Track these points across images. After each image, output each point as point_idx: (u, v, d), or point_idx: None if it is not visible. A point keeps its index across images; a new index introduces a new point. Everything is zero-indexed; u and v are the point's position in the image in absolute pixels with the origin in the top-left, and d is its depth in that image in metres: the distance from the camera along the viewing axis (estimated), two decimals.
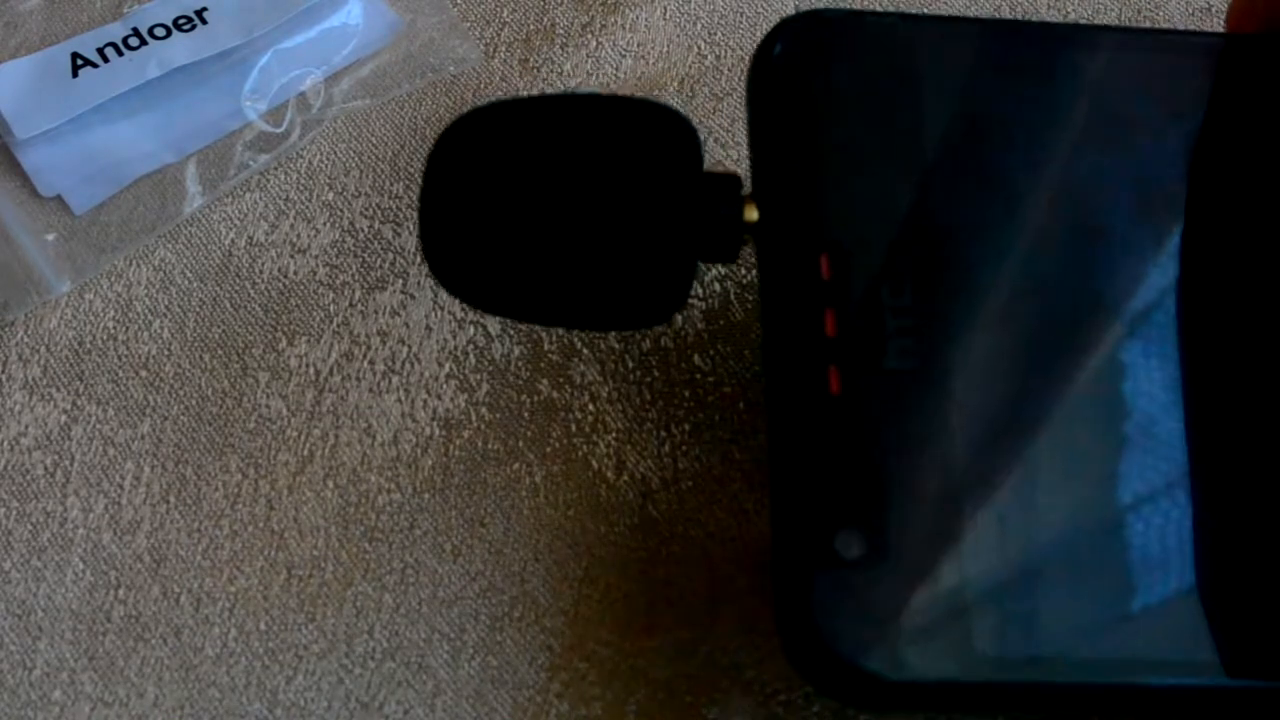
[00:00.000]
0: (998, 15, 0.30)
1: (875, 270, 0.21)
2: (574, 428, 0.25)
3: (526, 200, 0.22)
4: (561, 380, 0.26)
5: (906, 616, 0.19)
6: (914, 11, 0.30)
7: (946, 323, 0.21)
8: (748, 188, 0.22)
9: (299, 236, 0.27)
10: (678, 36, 0.30)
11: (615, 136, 0.22)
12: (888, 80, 0.22)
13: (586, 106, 0.23)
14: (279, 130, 0.28)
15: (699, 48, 0.30)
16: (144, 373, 0.26)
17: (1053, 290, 0.21)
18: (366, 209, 0.28)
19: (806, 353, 0.20)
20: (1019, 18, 0.30)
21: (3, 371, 0.26)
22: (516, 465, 0.25)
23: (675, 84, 0.29)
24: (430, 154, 0.22)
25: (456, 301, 0.26)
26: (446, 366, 0.26)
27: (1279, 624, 0.20)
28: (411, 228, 0.27)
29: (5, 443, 0.25)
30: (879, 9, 0.24)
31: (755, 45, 0.23)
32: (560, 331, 0.26)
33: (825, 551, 0.19)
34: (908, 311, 0.21)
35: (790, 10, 0.30)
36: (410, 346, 0.26)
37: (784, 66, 0.22)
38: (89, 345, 0.26)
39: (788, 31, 0.22)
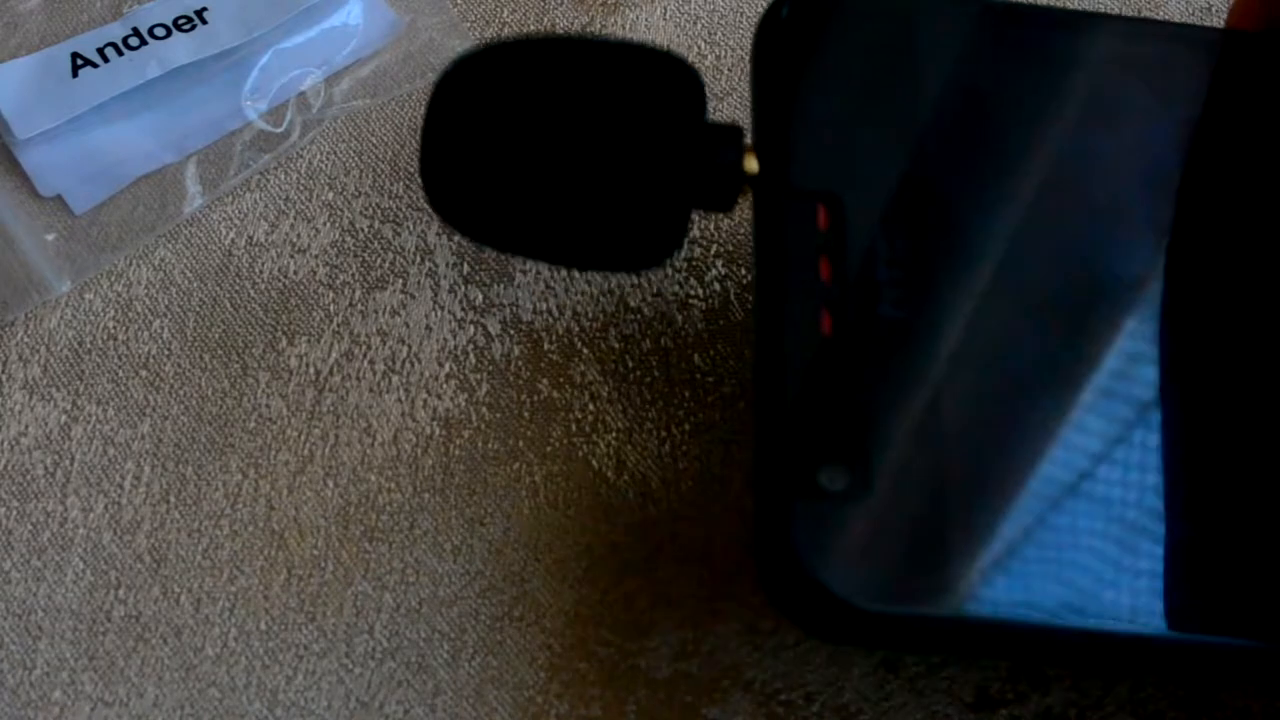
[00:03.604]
0: None
1: (871, 222, 0.21)
2: (574, 427, 0.25)
3: (528, 134, 0.22)
4: (561, 380, 0.26)
5: (887, 550, 0.19)
6: None
7: (938, 275, 0.21)
8: (749, 142, 0.23)
9: (299, 236, 0.27)
10: (678, 36, 0.30)
11: (621, 79, 0.22)
12: (889, 41, 0.23)
13: (596, 49, 0.23)
14: (279, 130, 0.28)
15: (699, 48, 0.30)
16: (144, 373, 0.26)
17: (1041, 250, 0.22)
18: (366, 209, 0.28)
19: (800, 294, 0.21)
20: None
21: (3, 371, 0.26)
22: (516, 465, 0.25)
23: None
24: (438, 82, 0.23)
25: (457, 301, 0.26)
26: (446, 366, 0.26)
27: (1256, 581, 0.20)
28: (412, 227, 0.27)
29: (5, 443, 0.25)
30: None
31: None
32: (560, 331, 0.26)
33: (808, 483, 0.19)
34: (901, 263, 0.21)
35: None
36: (410, 346, 0.26)
37: (790, 24, 0.22)
38: (89, 345, 0.26)
39: None
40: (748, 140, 0.23)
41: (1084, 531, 0.20)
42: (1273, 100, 0.23)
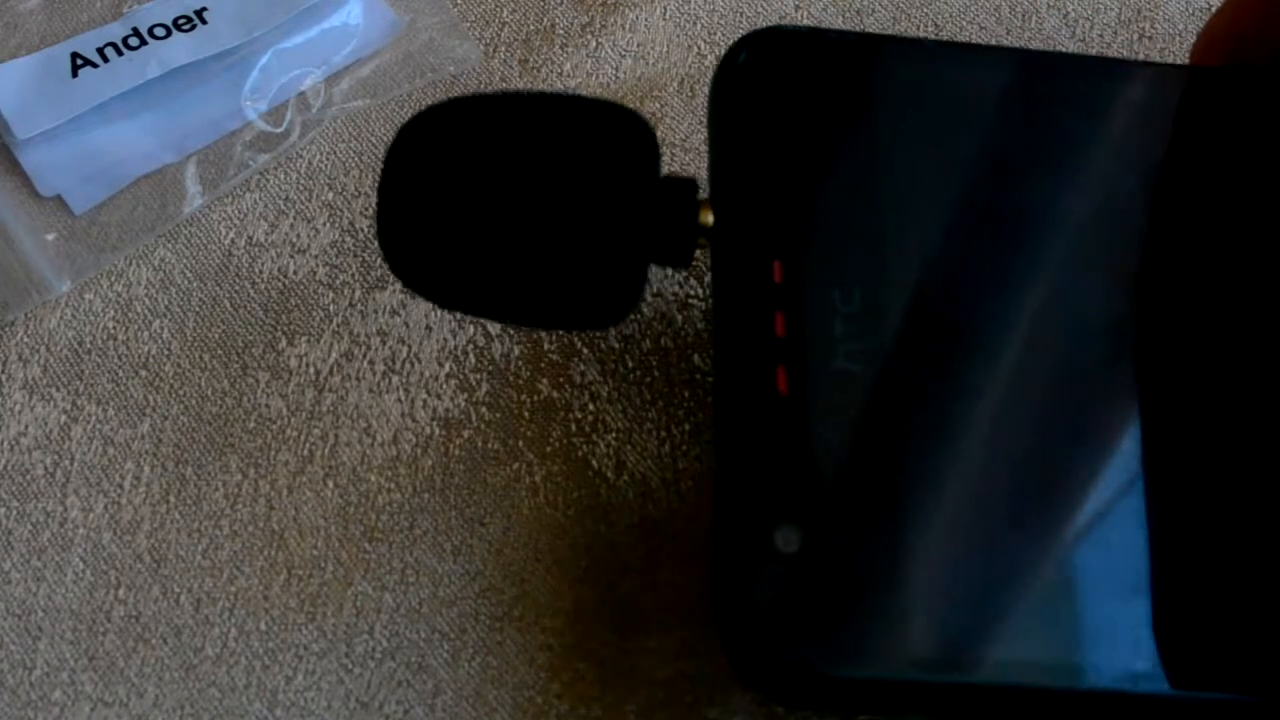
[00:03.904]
0: (997, 11, 0.30)
1: (827, 276, 0.21)
2: (574, 428, 0.25)
3: (481, 196, 0.22)
4: (561, 380, 0.26)
5: (847, 614, 0.19)
6: (878, 31, 0.30)
7: (894, 329, 0.21)
8: (704, 194, 0.22)
9: (299, 236, 0.27)
10: (678, 36, 0.30)
11: (573, 136, 0.22)
12: (845, 95, 0.22)
13: (546, 105, 0.23)
14: (279, 130, 0.28)
15: (699, 48, 0.30)
16: (144, 372, 0.26)
17: (999, 303, 0.22)
18: (366, 209, 0.28)
19: (755, 352, 0.20)
20: (1015, 16, 0.30)
21: (3, 371, 0.26)
22: (516, 465, 0.25)
23: (675, 84, 0.29)
24: (390, 147, 0.22)
25: None
26: (446, 366, 0.26)
27: (1224, 637, 0.20)
28: None
29: (5, 443, 0.25)
30: (842, 28, 0.25)
31: None
32: (560, 331, 0.26)
33: (765, 546, 0.19)
34: (857, 317, 0.21)
35: (790, 11, 0.30)
36: (410, 346, 0.26)
37: (747, 77, 0.22)
38: (89, 345, 0.26)
39: (752, 44, 0.22)
40: (703, 194, 0.22)
41: (1052, 589, 0.20)
42: (1241, 135, 0.23)
